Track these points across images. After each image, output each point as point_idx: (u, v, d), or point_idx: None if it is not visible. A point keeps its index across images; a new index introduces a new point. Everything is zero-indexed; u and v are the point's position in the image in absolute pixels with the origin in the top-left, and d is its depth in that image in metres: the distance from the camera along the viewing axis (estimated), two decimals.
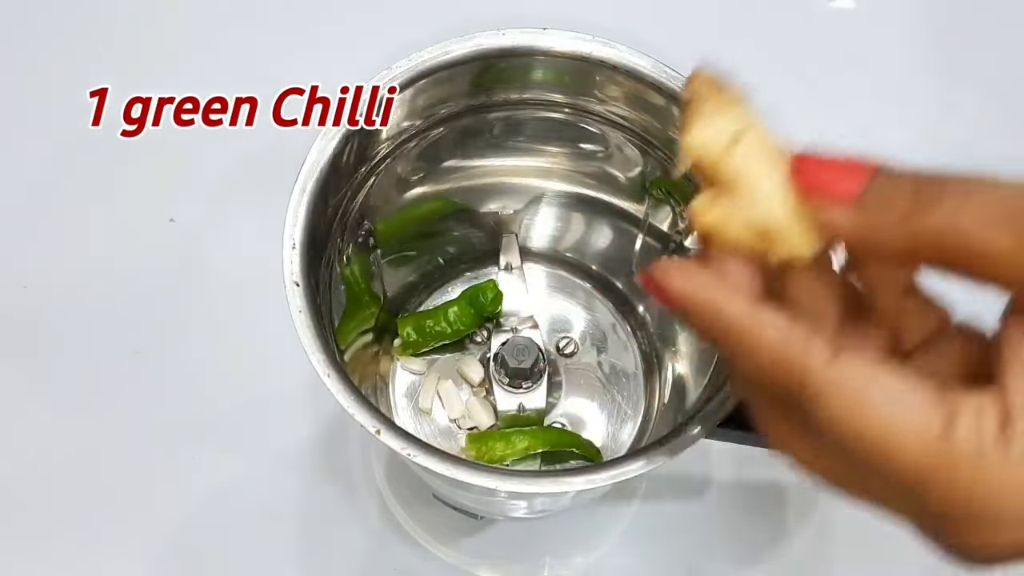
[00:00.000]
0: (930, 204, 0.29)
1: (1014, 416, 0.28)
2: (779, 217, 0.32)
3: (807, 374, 0.30)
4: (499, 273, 0.59)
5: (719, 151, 0.32)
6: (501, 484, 0.41)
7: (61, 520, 0.59)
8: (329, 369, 0.41)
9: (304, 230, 0.44)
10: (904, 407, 0.29)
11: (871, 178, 0.30)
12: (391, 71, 0.47)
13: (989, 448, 0.28)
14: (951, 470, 0.28)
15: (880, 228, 0.30)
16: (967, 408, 0.28)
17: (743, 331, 0.31)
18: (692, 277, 0.32)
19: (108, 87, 0.59)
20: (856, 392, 0.29)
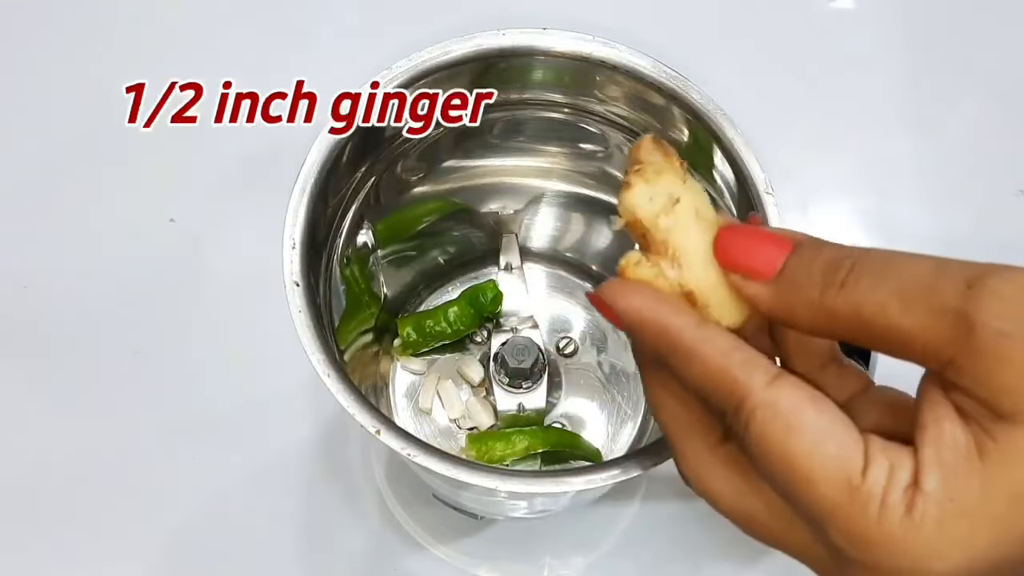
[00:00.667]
0: (843, 284, 0.30)
1: (923, 479, 0.29)
2: (705, 287, 0.33)
3: (747, 393, 0.31)
4: (499, 273, 0.59)
5: (652, 215, 0.33)
6: (501, 484, 0.41)
7: (61, 520, 0.59)
8: (329, 369, 0.41)
9: (304, 230, 0.44)
10: (830, 439, 0.30)
11: (788, 252, 0.32)
12: (391, 71, 0.47)
13: (895, 501, 0.29)
14: (856, 510, 0.29)
15: (796, 305, 0.31)
16: (883, 458, 0.29)
17: (689, 346, 0.32)
18: (639, 294, 0.32)
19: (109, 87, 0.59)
20: (789, 415, 0.30)
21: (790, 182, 0.66)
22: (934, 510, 0.28)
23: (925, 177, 0.67)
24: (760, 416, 0.30)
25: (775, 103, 0.68)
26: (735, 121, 0.46)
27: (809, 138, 0.69)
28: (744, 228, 0.33)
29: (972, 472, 0.29)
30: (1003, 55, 0.73)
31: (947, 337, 0.29)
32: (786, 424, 0.30)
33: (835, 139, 0.69)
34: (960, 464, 0.29)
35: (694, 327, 0.32)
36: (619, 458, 0.43)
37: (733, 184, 0.47)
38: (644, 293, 0.32)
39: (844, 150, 0.69)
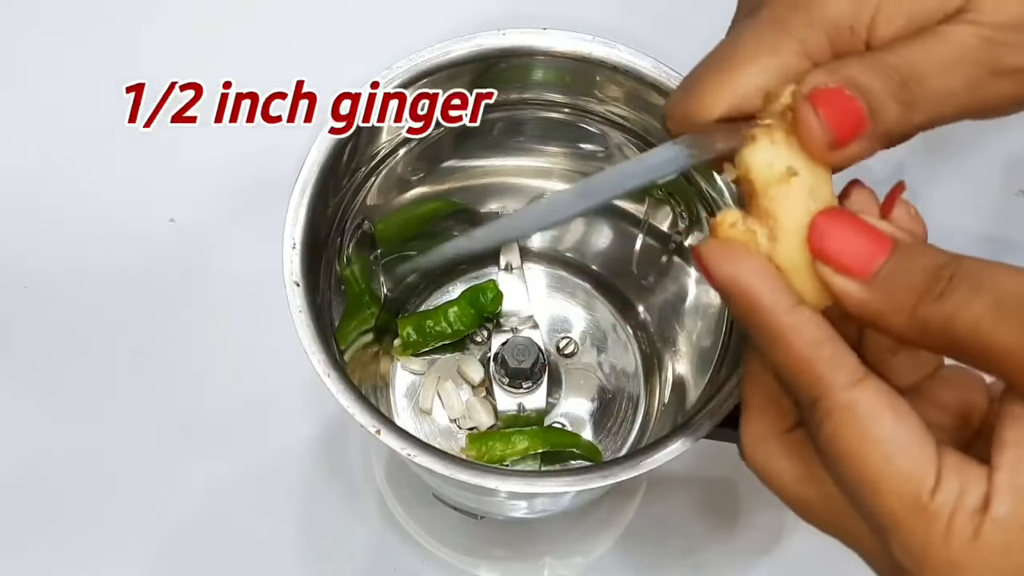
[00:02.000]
0: (940, 295, 0.29)
1: (994, 503, 0.29)
2: (793, 267, 0.32)
3: (828, 392, 0.30)
4: (499, 273, 0.59)
5: (765, 181, 0.32)
6: (500, 484, 0.41)
7: (61, 520, 0.59)
8: (329, 369, 0.42)
9: (304, 230, 0.44)
10: (904, 452, 0.29)
11: (887, 255, 0.31)
12: (391, 71, 0.47)
13: (961, 523, 0.28)
14: (921, 528, 0.29)
15: (889, 313, 0.30)
16: (955, 478, 0.29)
17: (779, 330, 0.31)
18: (739, 262, 0.31)
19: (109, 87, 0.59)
20: (866, 421, 0.30)
21: None
22: (1001, 538, 0.28)
23: (925, 177, 0.67)
24: (836, 418, 0.30)
25: None
26: None
27: None
28: (847, 218, 0.32)
29: None
30: None
31: None
32: (862, 430, 0.29)
33: None
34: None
35: (787, 311, 0.31)
36: (619, 458, 0.43)
37: (734, 188, 0.47)
38: (744, 263, 0.31)
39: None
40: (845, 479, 0.30)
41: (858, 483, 0.30)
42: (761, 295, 0.31)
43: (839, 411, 0.30)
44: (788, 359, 0.31)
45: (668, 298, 0.58)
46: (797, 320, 0.31)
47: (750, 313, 0.31)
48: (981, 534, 0.28)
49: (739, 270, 0.31)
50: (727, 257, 0.32)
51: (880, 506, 0.29)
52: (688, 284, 0.56)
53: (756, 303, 0.31)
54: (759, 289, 0.31)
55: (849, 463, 0.30)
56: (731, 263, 0.31)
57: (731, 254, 0.32)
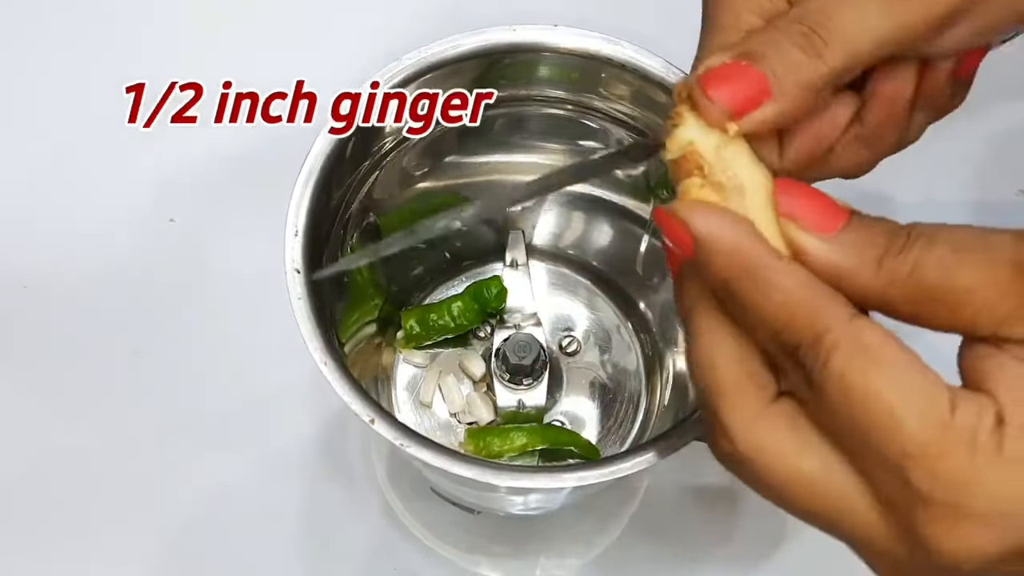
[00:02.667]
0: (902, 248, 0.30)
1: (1008, 417, 0.29)
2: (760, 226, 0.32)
3: (830, 324, 0.30)
4: (504, 269, 0.59)
5: (712, 146, 0.33)
6: (494, 478, 0.41)
7: (61, 520, 0.59)
8: (327, 357, 0.42)
9: (307, 220, 0.45)
10: (916, 379, 0.29)
11: (847, 217, 0.31)
12: (400, 63, 0.47)
13: (984, 441, 0.29)
14: (946, 450, 0.29)
15: (855, 268, 0.31)
16: (970, 400, 0.29)
17: (771, 274, 0.31)
18: (718, 213, 0.31)
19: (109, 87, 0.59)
20: (875, 349, 0.29)
21: None
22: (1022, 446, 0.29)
23: (925, 177, 0.67)
24: (844, 350, 0.29)
25: None
26: None
27: None
28: (805, 185, 0.33)
29: None
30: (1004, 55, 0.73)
31: (1005, 286, 0.29)
32: (872, 358, 0.29)
33: None
34: None
35: (774, 255, 0.31)
36: (614, 455, 0.43)
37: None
38: (723, 214, 0.31)
39: None
40: (858, 416, 0.29)
41: (874, 415, 0.29)
42: (744, 244, 0.31)
43: (846, 342, 0.29)
44: (784, 301, 0.30)
45: (670, 297, 0.57)
46: (785, 263, 0.31)
47: (733, 264, 0.31)
48: (1004, 447, 0.28)
49: (717, 221, 0.31)
50: (704, 211, 0.31)
51: (902, 432, 0.29)
52: None
53: (741, 252, 0.31)
54: (741, 238, 0.31)
55: (862, 396, 0.29)
56: (709, 216, 0.31)
57: (707, 207, 0.32)
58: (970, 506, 0.29)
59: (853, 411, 0.29)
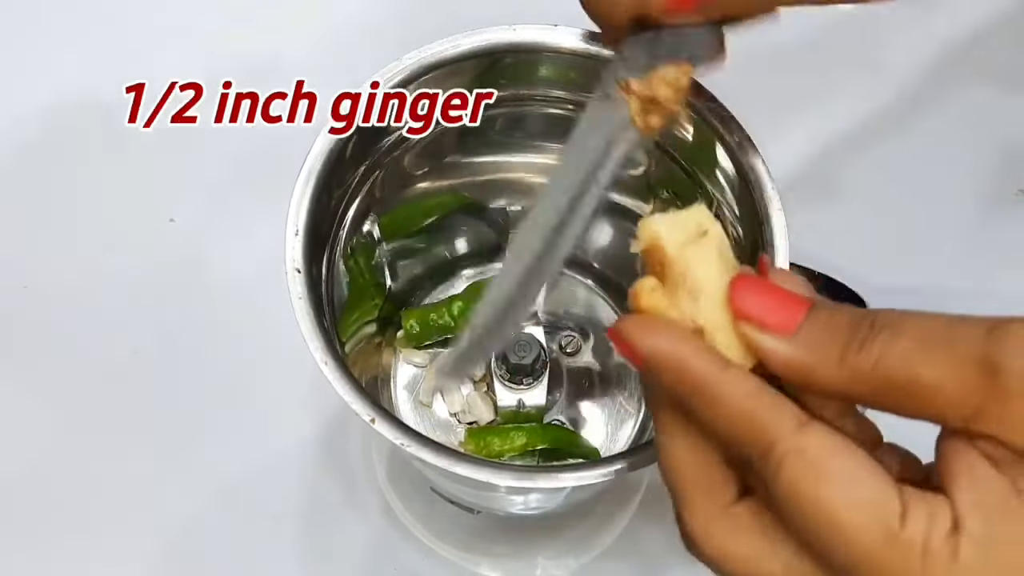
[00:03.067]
0: (863, 342, 0.29)
1: (965, 523, 0.28)
2: (716, 327, 0.32)
3: (777, 439, 0.30)
4: None
5: (677, 244, 0.32)
6: (494, 478, 0.41)
7: (61, 520, 0.59)
8: (327, 357, 0.42)
9: (307, 219, 0.44)
10: (864, 486, 0.29)
11: (806, 311, 0.31)
12: (400, 63, 0.47)
13: (938, 548, 0.28)
14: (897, 558, 0.28)
15: (816, 365, 0.30)
16: (921, 506, 0.29)
17: (716, 388, 0.30)
18: (662, 332, 0.31)
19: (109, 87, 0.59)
20: (821, 461, 0.29)
21: (793, 181, 0.66)
22: (980, 553, 0.28)
23: (925, 177, 0.67)
24: (790, 463, 0.29)
25: (779, 102, 0.68)
26: (739, 119, 0.46)
27: (811, 136, 0.69)
28: (761, 281, 0.32)
29: (1016, 513, 0.28)
30: (1003, 54, 0.73)
31: (972, 385, 0.28)
32: (818, 470, 0.29)
33: (837, 138, 0.69)
34: (1001, 506, 0.28)
35: (719, 370, 0.30)
36: (613, 456, 0.43)
37: (736, 183, 0.47)
38: (667, 332, 0.31)
39: (845, 149, 0.69)
40: (809, 527, 0.29)
41: (823, 527, 0.29)
42: (689, 359, 0.31)
43: (792, 455, 0.29)
44: (730, 415, 0.30)
45: None
46: (730, 376, 0.30)
47: (681, 380, 0.31)
48: (959, 554, 0.28)
49: (661, 340, 0.31)
50: (648, 330, 0.31)
51: (849, 544, 0.29)
52: None
53: (686, 368, 0.31)
54: (687, 354, 0.31)
55: (811, 507, 0.29)
56: (654, 334, 0.31)
57: (651, 326, 0.31)
58: None
59: (806, 521, 0.29)
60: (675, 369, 0.31)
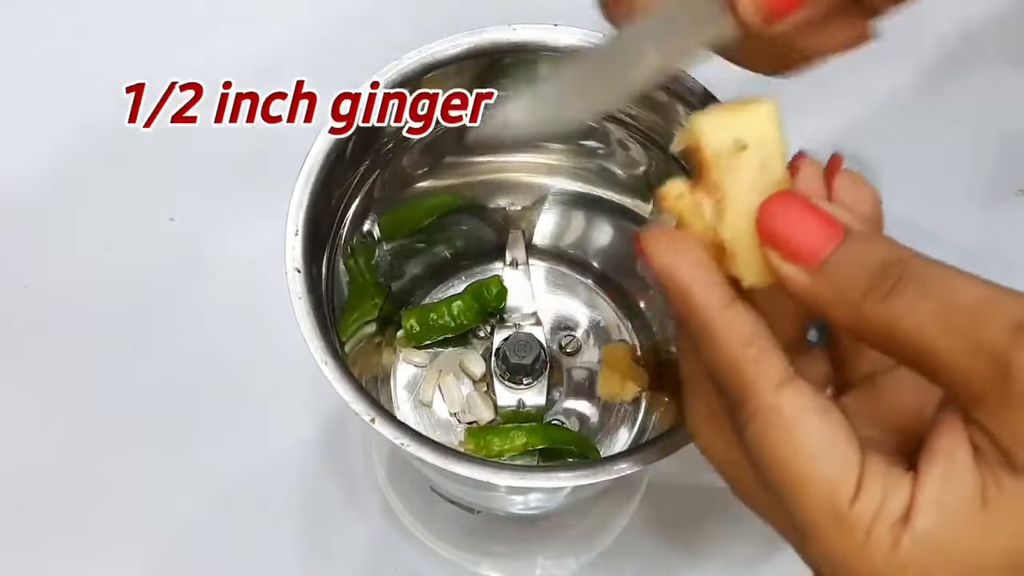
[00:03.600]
0: (887, 294, 0.29)
1: (916, 517, 0.28)
2: (738, 243, 0.31)
3: (751, 393, 0.30)
4: (504, 269, 0.59)
5: (718, 151, 0.31)
6: (494, 477, 0.41)
7: (61, 520, 0.59)
8: (327, 356, 0.42)
9: (307, 219, 0.44)
10: (826, 457, 0.29)
11: (836, 244, 0.30)
12: (400, 63, 0.47)
13: (880, 533, 0.28)
14: (840, 533, 0.28)
15: (833, 304, 0.30)
16: (878, 485, 0.29)
17: (707, 326, 0.31)
18: (678, 254, 0.31)
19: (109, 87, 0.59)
20: (790, 424, 0.29)
21: None
22: (922, 553, 0.28)
23: (925, 177, 0.67)
24: (761, 420, 0.30)
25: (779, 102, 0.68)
26: None
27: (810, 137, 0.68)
28: (797, 202, 0.31)
29: (972, 522, 0.28)
30: (1001, 54, 0.73)
31: (981, 376, 0.27)
32: (785, 433, 0.29)
33: (836, 139, 0.69)
34: (960, 510, 0.28)
35: (719, 307, 0.30)
36: (613, 456, 0.43)
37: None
38: (682, 255, 0.31)
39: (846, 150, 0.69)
40: (769, 480, 0.30)
41: (780, 484, 0.29)
42: (694, 290, 0.31)
43: (764, 413, 0.30)
44: (716, 356, 0.31)
45: None
46: (728, 318, 0.30)
47: (682, 306, 0.31)
48: (900, 546, 0.28)
49: (676, 261, 0.31)
50: (666, 247, 0.31)
51: (801, 510, 0.29)
52: None
53: (689, 297, 0.31)
54: (694, 283, 0.31)
55: (773, 466, 0.29)
56: (669, 254, 0.31)
57: (670, 244, 0.31)
58: None
59: (768, 474, 0.30)
60: (680, 294, 0.31)
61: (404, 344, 0.58)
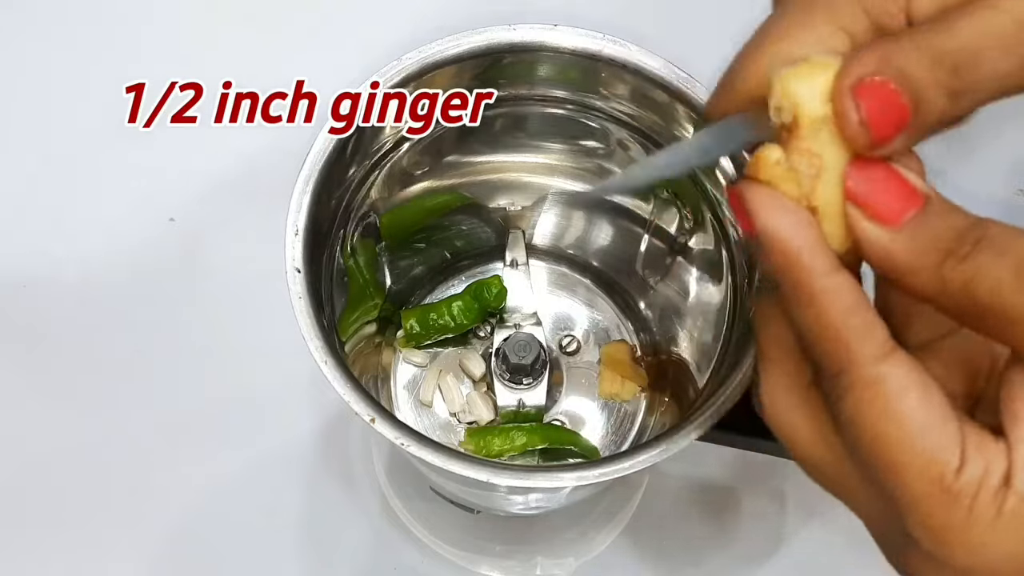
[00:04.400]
0: (964, 257, 0.28)
1: (1015, 477, 0.28)
2: (831, 209, 0.30)
3: (853, 364, 0.29)
4: (504, 269, 0.59)
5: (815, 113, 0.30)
6: (494, 478, 0.41)
7: (62, 519, 0.59)
8: (327, 356, 0.42)
9: (307, 219, 0.44)
10: (928, 433, 0.29)
11: (918, 209, 0.29)
12: (400, 63, 0.47)
13: (985, 501, 0.28)
14: (945, 506, 0.28)
15: (911, 266, 0.29)
16: (979, 457, 0.29)
17: (813, 291, 0.30)
18: (784, 214, 0.30)
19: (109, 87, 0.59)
20: (891, 399, 0.29)
21: None
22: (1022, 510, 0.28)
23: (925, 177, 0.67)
24: (860, 393, 0.29)
25: None
26: None
27: None
28: (884, 165, 0.30)
29: None
30: None
31: None
32: (885, 408, 0.29)
33: None
34: None
35: (825, 273, 0.30)
36: (613, 455, 0.43)
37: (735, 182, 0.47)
38: (792, 216, 0.30)
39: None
40: (864, 455, 0.30)
41: (878, 460, 0.29)
42: (801, 253, 0.30)
43: (864, 386, 0.29)
44: (818, 323, 0.30)
45: (670, 296, 0.58)
46: (833, 284, 0.30)
47: (786, 269, 0.30)
48: (1003, 511, 0.28)
49: (782, 222, 0.30)
50: (772, 206, 0.30)
51: (902, 486, 0.29)
52: (690, 283, 0.56)
53: (795, 260, 0.30)
54: (800, 246, 0.30)
55: (871, 440, 0.29)
56: (775, 213, 0.30)
57: (776, 204, 0.30)
58: (952, 564, 0.29)
59: (862, 450, 0.30)
60: (785, 257, 0.30)
61: (404, 344, 0.58)
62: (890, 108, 0.29)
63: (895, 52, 0.29)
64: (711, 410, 0.43)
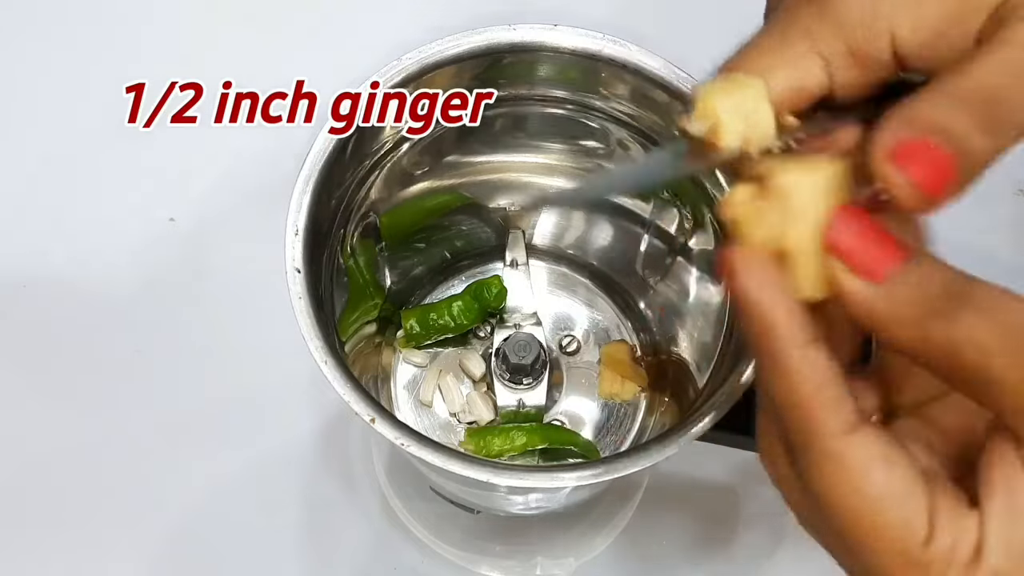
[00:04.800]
0: (948, 315, 0.28)
1: (986, 551, 0.28)
2: (802, 252, 0.30)
3: (818, 437, 0.29)
4: (504, 269, 0.59)
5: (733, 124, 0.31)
6: (494, 478, 0.41)
7: (62, 518, 0.59)
8: (327, 356, 0.42)
9: (307, 219, 0.45)
10: (894, 507, 0.29)
11: (902, 263, 0.29)
12: (400, 63, 0.47)
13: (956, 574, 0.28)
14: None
15: (894, 322, 0.29)
16: (948, 529, 0.28)
17: (786, 363, 0.30)
18: (765, 281, 0.30)
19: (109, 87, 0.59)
20: (856, 473, 0.29)
21: None
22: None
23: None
24: (825, 466, 0.29)
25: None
26: None
27: None
28: (863, 216, 0.30)
29: None
30: None
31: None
32: (851, 482, 0.29)
33: None
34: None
35: (799, 346, 0.29)
36: (612, 455, 0.43)
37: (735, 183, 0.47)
38: (769, 284, 0.30)
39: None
40: (832, 527, 0.30)
41: (846, 533, 0.29)
42: (777, 323, 0.30)
43: (829, 459, 0.29)
44: (788, 397, 0.30)
45: (670, 297, 0.58)
46: (806, 358, 0.30)
47: (761, 335, 0.30)
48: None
49: (763, 290, 0.30)
50: (753, 273, 0.30)
51: (870, 556, 0.29)
52: (690, 283, 0.56)
53: (772, 328, 0.30)
54: (777, 316, 0.30)
55: (837, 513, 0.29)
56: (756, 281, 0.30)
57: (758, 270, 0.30)
58: None
59: (831, 520, 0.30)
60: (760, 323, 0.30)
61: (404, 344, 0.58)
62: (934, 163, 0.28)
63: (924, 106, 0.29)
64: (711, 410, 0.43)
